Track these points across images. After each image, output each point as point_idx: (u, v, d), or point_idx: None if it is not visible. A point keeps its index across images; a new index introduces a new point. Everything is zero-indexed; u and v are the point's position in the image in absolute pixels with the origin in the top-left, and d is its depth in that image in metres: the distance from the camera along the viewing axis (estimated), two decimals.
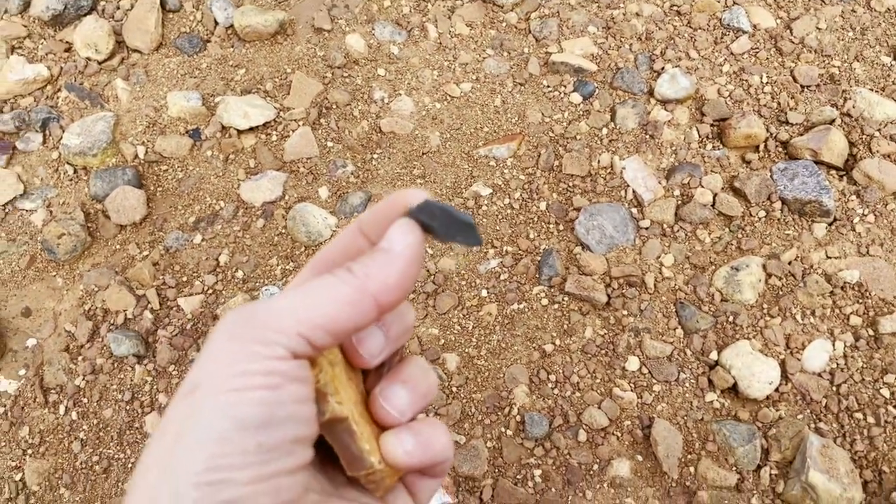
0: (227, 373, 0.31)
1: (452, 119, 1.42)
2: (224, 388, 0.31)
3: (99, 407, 1.21)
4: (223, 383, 0.31)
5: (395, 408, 0.37)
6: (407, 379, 0.38)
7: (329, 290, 0.33)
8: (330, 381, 0.35)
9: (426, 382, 0.39)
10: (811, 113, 1.34)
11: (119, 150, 1.45)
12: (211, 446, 0.30)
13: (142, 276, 1.30)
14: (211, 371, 0.32)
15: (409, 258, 0.34)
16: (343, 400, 0.35)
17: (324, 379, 0.35)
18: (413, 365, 0.39)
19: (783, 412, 1.09)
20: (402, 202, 0.35)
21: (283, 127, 1.43)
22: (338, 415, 0.35)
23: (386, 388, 0.38)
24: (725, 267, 1.19)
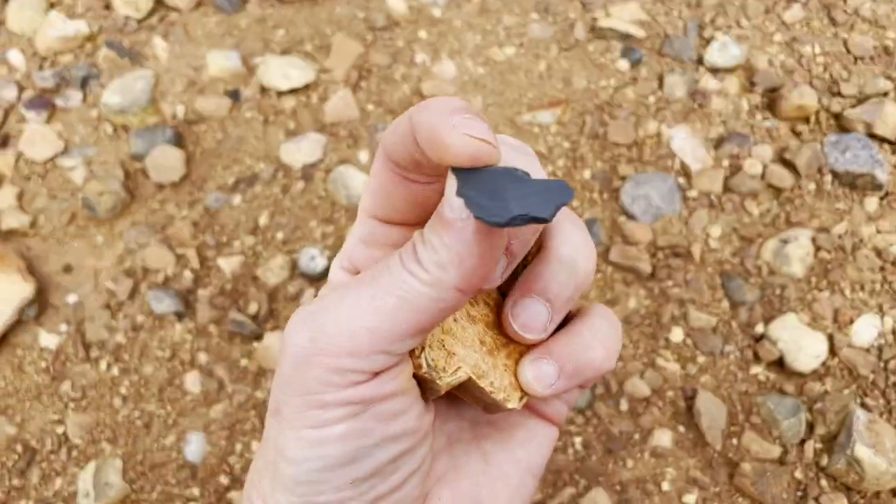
0: (301, 403, 0.27)
1: (495, 84, 1.40)
2: (302, 422, 0.28)
3: (140, 363, 1.22)
4: (300, 417, 0.28)
5: (529, 329, 0.30)
6: (542, 287, 0.30)
7: (401, 291, 0.27)
8: (438, 350, 0.29)
9: (571, 280, 0.30)
10: (864, 85, 1.30)
11: (158, 109, 1.44)
12: (303, 487, 0.28)
13: (182, 235, 1.30)
14: (288, 396, 0.28)
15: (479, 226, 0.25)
16: (460, 360, 0.30)
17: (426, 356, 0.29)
18: (549, 262, 0.30)
19: (829, 387, 1.08)
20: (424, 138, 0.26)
21: (324, 89, 1.42)
22: (455, 384, 0.30)
23: (517, 302, 0.30)
24: (774, 239, 1.17)
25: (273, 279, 1.24)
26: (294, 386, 0.28)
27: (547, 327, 0.31)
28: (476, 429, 0.34)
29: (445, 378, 0.29)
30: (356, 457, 0.27)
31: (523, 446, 0.33)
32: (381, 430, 0.28)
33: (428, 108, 0.26)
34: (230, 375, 1.18)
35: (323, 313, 0.28)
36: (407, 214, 0.30)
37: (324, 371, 0.27)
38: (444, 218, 0.26)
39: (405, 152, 0.27)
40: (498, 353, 0.31)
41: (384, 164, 0.29)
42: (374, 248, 0.32)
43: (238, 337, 1.21)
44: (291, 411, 0.28)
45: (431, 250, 0.26)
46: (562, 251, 0.30)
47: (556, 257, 0.30)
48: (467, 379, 0.30)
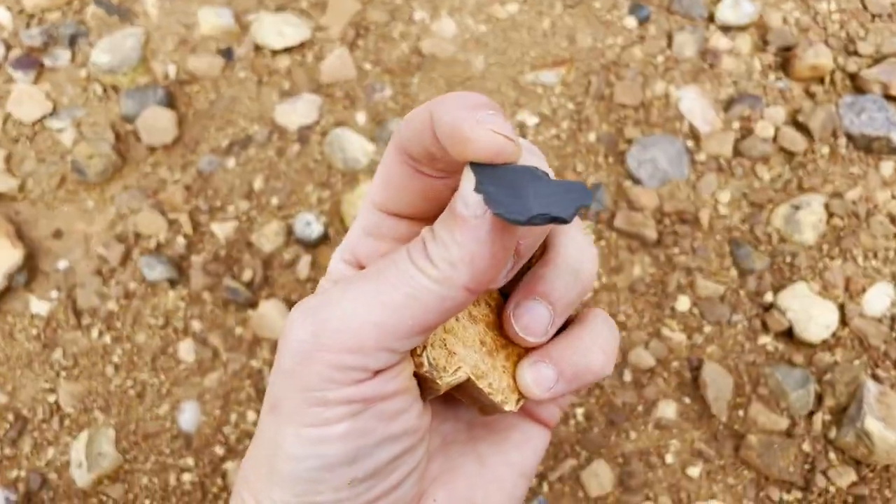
0: (302, 400, 0.27)
1: (497, 42, 1.34)
2: (302, 420, 0.27)
3: (132, 331, 1.19)
4: (301, 414, 0.27)
5: (531, 332, 0.30)
6: (546, 290, 0.30)
7: (408, 288, 0.26)
8: (439, 350, 0.29)
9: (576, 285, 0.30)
10: (882, 44, 1.25)
11: (149, 69, 1.39)
12: (301, 486, 0.27)
13: (174, 199, 1.26)
14: (288, 392, 0.27)
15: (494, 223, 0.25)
16: (461, 360, 0.29)
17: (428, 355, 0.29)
18: (555, 265, 0.30)
19: (839, 357, 1.05)
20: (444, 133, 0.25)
21: (319, 48, 1.37)
22: (455, 384, 0.29)
23: (519, 304, 0.30)
24: (785, 205, 1.13)
25: (268, 245, 1.21)
26: (295, 382, 0.27)
27: (548, 330, 0.30)
28: (471, 430, 0.33)
29: (446, 378, 0.29)
30: (356, 456, 0.27)
31: (518, 449, 0.32)
32: (381, 429, 0.27)
33: (450, 102, 0.25)
34: (225, 344, 1.15)
35: (326, 307, 0.27)
36: (416, 208, 0.29)
37: (326, 367, 0.26)
38: (458, 214, 0.25)
39: (421, 145, 0.27)
40: (497, 355, 0.31)
41: (397, 155, 0.28)
42: (380, 240, 0.31)
43: (232, 304, 1.18)
44: (291, 408, 0.27)
45: (442, 247, 0.26)
46: (567, 255, 0.30)
47: (562, 260, 0.30)
48: (467, 379, 0.29)
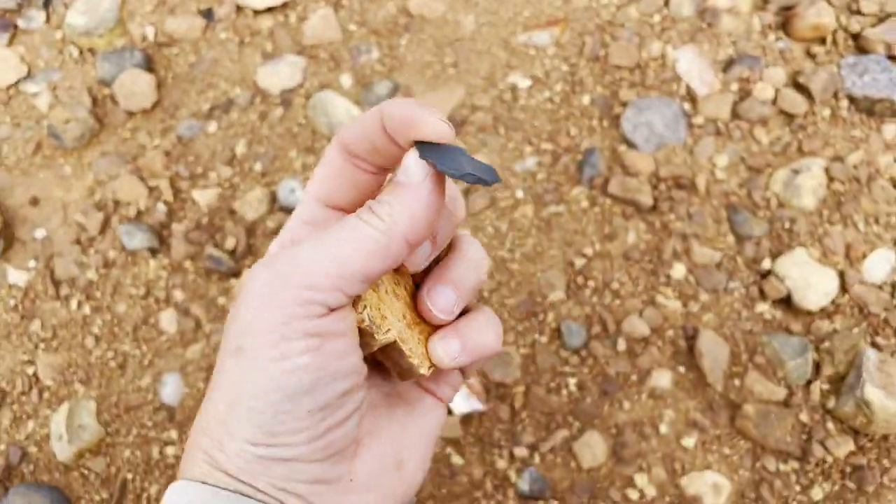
0: (266, 340, 0.31)
1: (488, 2, 1.29)
2: (267, 356, 0.31)
3: (113, 301, 1.15)
4: (265, 352, 0.31)
5: (442, 310, 0.37)
6: (453, 278, 0.38)
7: (358, 238, 0.32)
8: (375, 311, 0.35)
9: (475, 275, 0.38)
10: (886, 2, 1.21)
11: (126, 31, 1.34)
12: (265, 417, 0.31)
13: (154, 166, 1.22)
14: (252, 335, 0.32)
15: (431, 188, 0.33)
16: (390, 324, 0.35)
17: (367, 313, 0.34)
18: (460, 260, 0.38)
19: (838, 325, 1.02)
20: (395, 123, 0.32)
21: (303, 8, 1.32)
22: (384, 342, 0.35)
23: (432, 288, 0.37)
24: (784, 169, 1.10)
25: (251, 213, 1.17)
26: (258, 324, 0.31)
27: (454, 311, 0.37)
28: (390, 399, 0.39)
29: (379, 336, 0.34)
30: (314, 387, 0.31)
31: (424, 417, 0.39)
32: (335, 364, 0.32)
33: (399, 102, 0.32)
34: (207, 314, 1.12)
35: (282, 258, 0.32)
36: (352, 201, 0.36)
37: (289, 303, 0.31)
38: (400, 182, 0.32)
39: (367, 140, 0.33)
40: (413, 329, 0.37)
41: (339, 152, 0.35)
42: (316, 229, 0.37)
43: (215, 274, 1.14)
44: (256, 347, 0.31)
45: (387, 206, 0.32)
46: (471, 252, 0.38)
47: (466, 256, 0.38)
48: (393, 342, 0.35)
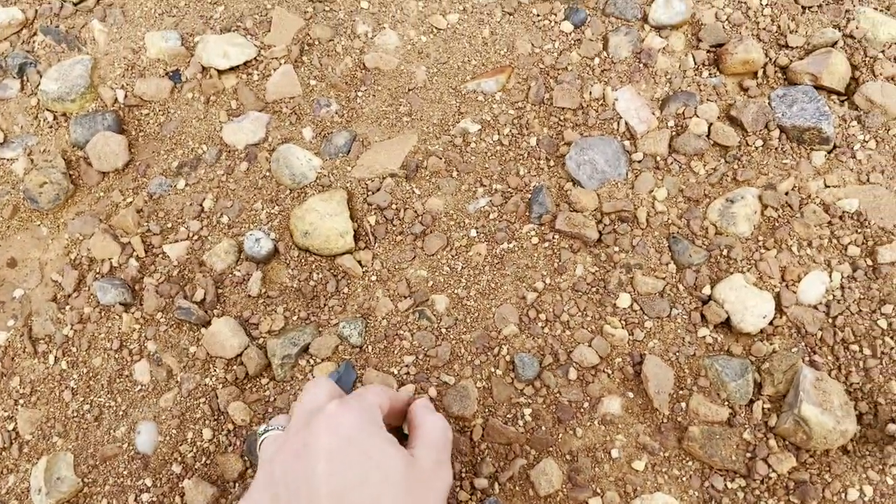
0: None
1: (439, 52, 1.37)
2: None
3: (88, 356, 1.20)
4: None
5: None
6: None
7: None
8: None
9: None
10: (812, 35, 1.28)
11: (98, 95, 1.41)
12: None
13: (126, 223, 1.28)
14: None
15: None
16: None
17: None
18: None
19: (777, 346, 1.07)
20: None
21: (265, 66, 1.39)
22: None
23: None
24: (720, 199, 1.16)
25: (219, 264, 1.23)
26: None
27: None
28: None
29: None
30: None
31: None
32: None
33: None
34: (179, 364, 1.17)
35: None
36: None
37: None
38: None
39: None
40: None
41: None
42: None
43: (185, 324, 1.19)
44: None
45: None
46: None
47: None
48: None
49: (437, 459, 0.76)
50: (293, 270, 1.21)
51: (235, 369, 1.14)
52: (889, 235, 1.11)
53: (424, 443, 0.77)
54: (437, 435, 0.80)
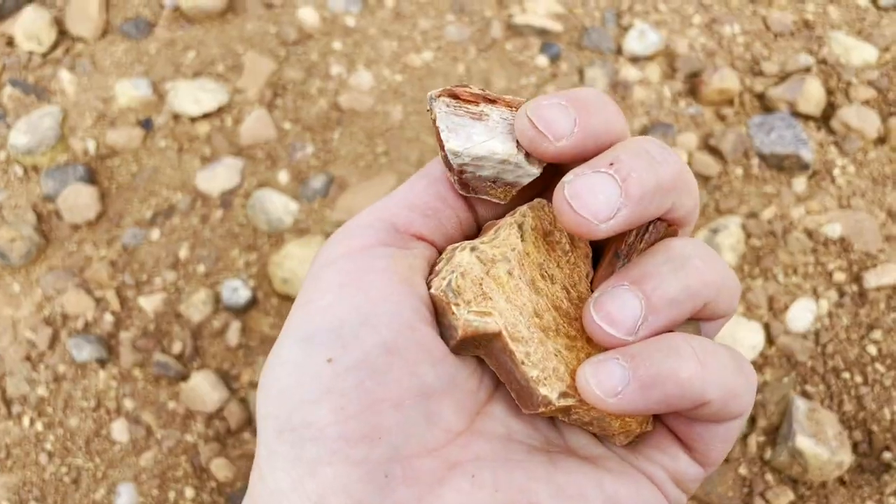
0: (301, 291, 0.27)
1: (414, 91, 1.36)
2: (296, 306, 0.26)
3: (64, 416, 1.17)
4: (296, 303, 0.27)
5: (614, 322, 0.25)
6: (639, 276, 0.25)
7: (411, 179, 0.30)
8: (467, 286, 0.25)
9: (679, 279, 0.25)
10: (786, 62, 1.28)
11: (69, 146, 1.39)
12: (283, 378, 0.25)
13: (99, 277, 1.25)
14: (305, 285, 0.28)
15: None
16: (495, 309, 0.25)
17: (451, 278, 0.25)
18: (655, 253, 0.26)
19: (768, 376, 1.06)
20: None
21: (238, 111, 1.37)
22: (479, 330, 0.25)
23: (606, 290, 0.26)
24: (704, 230, 1.15)
25: (197, 315, 1.20)
26: (312, 271, 0.28)
27: (637, 326, 0.25)
28: (551, 447, 0.28)
29: (465, 313, 0.25)
30: (339, 331, 0.25)
31: (614, 478, 0.27)
32: (368, 306, 0.25)
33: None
34: (158, 420, 1.14)
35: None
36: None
37: (328, 248, 0.27)
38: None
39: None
40: (555, 338, 0.26)
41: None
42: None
43: (164, 379, 1.16)
44: (306, 295, 0.27)
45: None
46: (673, 245, 0.26)
47: (665, 249, 0.26)
48: (497, 334, 0.25)
49: None
50: (273, 319, 1.18)
51: (217, 424, 1.11)
52: (873, 260, 1.11)
53: None
54: None
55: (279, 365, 0.25)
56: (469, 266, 0.26)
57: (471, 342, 0.26)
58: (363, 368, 0.24)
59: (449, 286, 0.25)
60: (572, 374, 0.25)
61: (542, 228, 0.28)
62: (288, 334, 0.26)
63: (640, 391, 0.24)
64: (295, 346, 0.25)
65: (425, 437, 0.25)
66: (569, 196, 0.25)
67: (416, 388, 0.25)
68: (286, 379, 0.25)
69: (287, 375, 0.25)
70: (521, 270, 0.26)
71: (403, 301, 0.26)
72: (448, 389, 0.26)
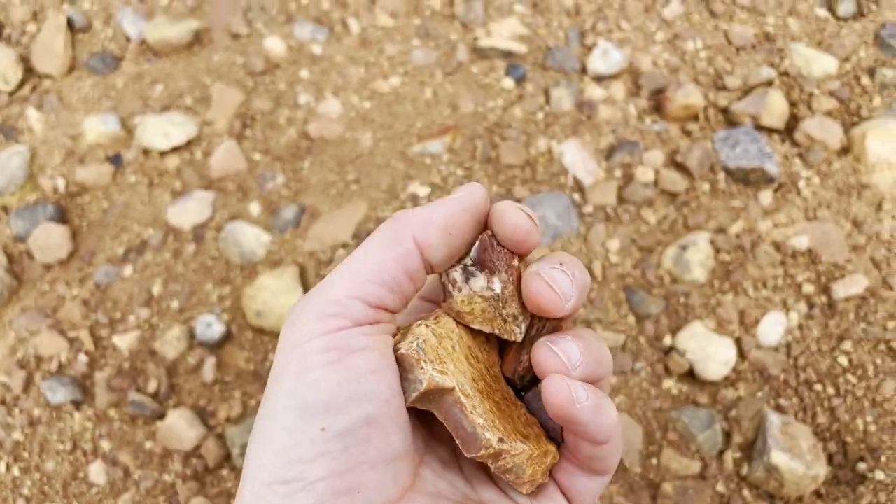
0: (286, 358, 0.30)
1: (383, 117, 1.36)
2: (288, 371, 0.30)
3: (41, 460, 1.16)
4: (285, 371, 0.30)
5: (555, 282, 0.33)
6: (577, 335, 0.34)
7: (371, 240, 0.32)
8: (429, 347, 0.32)
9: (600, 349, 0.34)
10: (748, 76, 1.29)
11: (38, 185, 1.38)
12: (280, 439, 0.29)
13: (72, 316, 1.24)
14: (277, 362, 0.31)
15: (461, 201, 0.33)
16: (449, 370, 0.32)
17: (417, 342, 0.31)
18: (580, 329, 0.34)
19: (742, 391, 1.07)
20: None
21: (207, 143, 1.37)
22: (439, 385, 0.31)
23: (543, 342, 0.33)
24: (673, 246, 1.16)
25: (171, 352, 1.19)
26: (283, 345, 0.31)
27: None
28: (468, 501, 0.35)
29: (430, 369, 0.31)
30: (329, 403, 0.29)
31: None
32: (353, 384, 0.30)
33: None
34: (135, 461, 1.13)
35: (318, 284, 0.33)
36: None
37: (308, 321, 0.31)
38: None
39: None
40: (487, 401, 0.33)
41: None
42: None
43: (140, 419, 1.15)
44: (278, 371, 0.30)
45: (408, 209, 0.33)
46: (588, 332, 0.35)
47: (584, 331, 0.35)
48: (451, 389, 0.31)
49: None
50: (248, 352, 1.18)
51: (194, 462, 1.10)
52: (840, 270, 1.12)
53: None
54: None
55: (276, 428, 0.30)
56: (428, 336, 0.32)
57: (428, 395, 0.32)
58: (349, 436, 0.30)
59: (419, 347, 0.31)
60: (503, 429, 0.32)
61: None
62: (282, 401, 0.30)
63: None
64: (292, 413, 0.29)
65: (391, 492, 0.31)
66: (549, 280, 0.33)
67: (389, 453, 0.31)
68: (284, 440, 0.29)
69: (284, 437, 0.29)
70: (459, 347, 0.34)
71: (381, 379, 0.31)
72: (407, 454, 0.32)
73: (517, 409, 0.35)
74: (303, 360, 0.30)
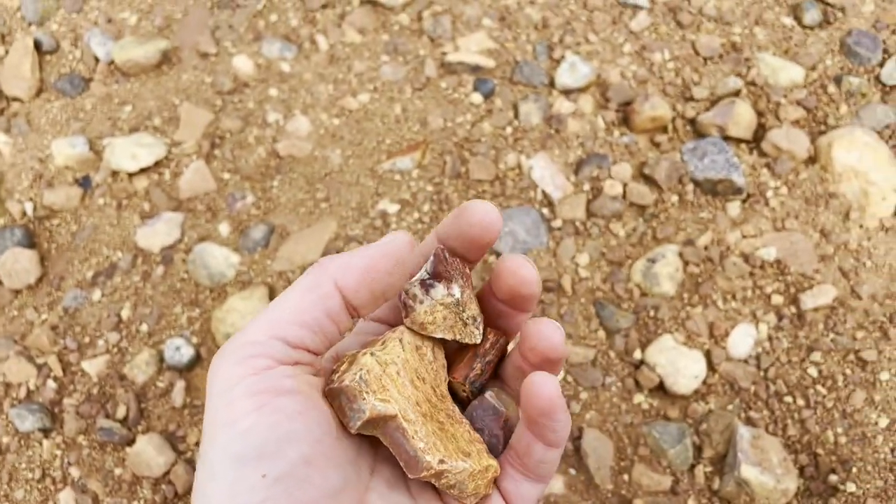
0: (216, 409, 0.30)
1: (352, 134, 1.35)
2: (216, 425, 0.30)
3: (10, 489, 1.14)
4: (214, 422, 0.30)
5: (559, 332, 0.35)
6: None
7: (292, 286, 0.33)
8: (372, 378, 0.33)
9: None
10: (716, 86, 1.29)
11: (6, 209, 1.37)
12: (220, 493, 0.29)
13: (41, 342, 1.23)
14: (206, 413, 0.31)
15: (383, 247, 0.34)
16: (392, 397, 0.33)
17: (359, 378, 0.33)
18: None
19: (713, 405, 1.06)
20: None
21: (176, 163, 1.36)
22: (381, 413, 0.33)
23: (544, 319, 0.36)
24: (641, 260, 1.15)
25: (141, 376, 1.18)
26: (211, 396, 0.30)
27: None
28: None
29: (372, 399, 0.32)
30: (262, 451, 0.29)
31: None
32: (285, 424, 0.29)
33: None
34: (104, 488, 1.12)
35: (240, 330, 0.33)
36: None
37: (229, 366, 0.30)
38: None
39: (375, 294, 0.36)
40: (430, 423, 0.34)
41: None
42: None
43: (109, 445, 1.14)
44: (207, 423, 0.30)
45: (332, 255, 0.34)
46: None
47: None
48: (394, 416, 0.33)
49: None
50: None
51: (164, 489, 1.09)
52: (809, 280, 1.12)
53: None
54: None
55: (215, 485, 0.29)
56: (371, 366, 0.33)
57: (372, 422, 0.33)
58: (289, 479, 0.29)
59: (361, 379, 0.32)
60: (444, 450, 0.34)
61: (415, 344, 0.36)
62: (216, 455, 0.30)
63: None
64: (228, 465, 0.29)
65: None
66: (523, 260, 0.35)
67: (329, 489, 0.31)
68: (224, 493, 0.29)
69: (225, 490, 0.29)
70: (404, 372, 0.35)
71: (311, 418, 0.31)
72: (348, 485, 0.32)
73: (461, 427, 0.37)
74: (230, 408, 0.30)
